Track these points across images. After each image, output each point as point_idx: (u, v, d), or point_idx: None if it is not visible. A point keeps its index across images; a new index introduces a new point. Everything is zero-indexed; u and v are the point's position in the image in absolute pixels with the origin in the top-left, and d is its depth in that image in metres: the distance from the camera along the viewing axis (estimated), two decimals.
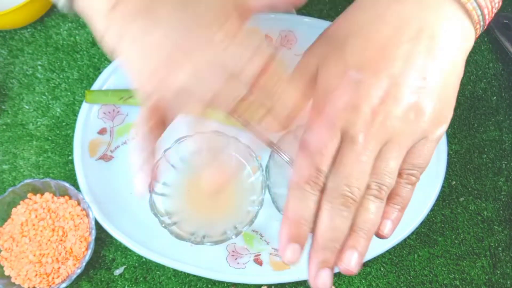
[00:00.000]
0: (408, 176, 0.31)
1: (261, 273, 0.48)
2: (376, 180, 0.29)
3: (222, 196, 0.50)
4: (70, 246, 0.49)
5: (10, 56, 0.60)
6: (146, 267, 0.50)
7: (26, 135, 0.56)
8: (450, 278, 0.50)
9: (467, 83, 0.58)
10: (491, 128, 0.55)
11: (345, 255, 0.28)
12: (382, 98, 0.28)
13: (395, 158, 0.29)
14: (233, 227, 0.47)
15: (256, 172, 0.49)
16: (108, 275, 0.50)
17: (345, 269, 0.29)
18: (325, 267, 0.28)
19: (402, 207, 0.31)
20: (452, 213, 0.52)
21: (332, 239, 0.28)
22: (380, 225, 0.30)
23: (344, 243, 0.29)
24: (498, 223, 0.51)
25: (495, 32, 0.59)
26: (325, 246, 0.28)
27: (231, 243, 0.50)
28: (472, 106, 0.56)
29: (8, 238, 0.49)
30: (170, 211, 0.49)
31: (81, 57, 0.59)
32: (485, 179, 0.53)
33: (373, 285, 0.49)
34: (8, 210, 0.50)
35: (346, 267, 0.28)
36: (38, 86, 0.58)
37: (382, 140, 0.28)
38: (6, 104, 0.58)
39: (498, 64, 0.59)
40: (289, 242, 0.29)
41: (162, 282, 0.50)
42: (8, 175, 0.54)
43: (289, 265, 0.29)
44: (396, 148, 0.29)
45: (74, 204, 0.51)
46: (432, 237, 0.51)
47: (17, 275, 0.48)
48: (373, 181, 0.29)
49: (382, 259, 0.50)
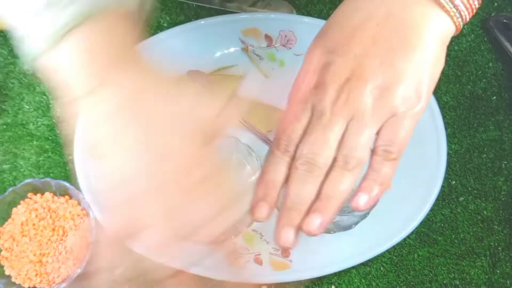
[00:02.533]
0: (383, 152, 0.31)
1: (261, 272, 0.48)
2: (342, 153, 0.31)
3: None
4: (71, 245, 0.49)
5: (11, 56, 0.60)
6: None
7: (27, 135, 0.56)
8: (449, 278, 0.50)
9: (466, 82, 0.58)
10: (491, 128, 0.55)
11: (308, 218, 0.31)
12: (348, 77, 0.30)
13: (361, 134, 0.31)
14: (233, 227, 0.47)
15: (256, 172, 0.49)
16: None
17: (306, 230, 0.31)
18: (289, 226, 0.31)
19: (381, 184, 0.32)
20: (452, 213, 0.52)
21: (297, 202, 0.31)
22: (355, 197, 0.32)
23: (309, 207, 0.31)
24: (498, 223, 0.52)
25: (495, 32, 0.59)
26: (291, 207, 0.31)
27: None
28: (472, 106, 0.56)
29: (9, 238, 0.49)
30: None
31: None
32: (485, 178, 0.53)
33: (373, 284, 0.49)
34: (8, 210, 0.50)
35: (307, 228, 0.31)
36: (39, 85, 0.58)
37: (347, 116, 0.31)
38: (7, 103, 0.58)
39: (498, 64, 0.59)
40: (259, 201, 0.32)
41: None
42: (8, 175, 0.54)
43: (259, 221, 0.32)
44: (361, 123, 0.31)
45: (75, 203, 0.51)
46: (432, 237, 0.51)
47: (17, 275, 0.48)
48: (339, 154, 0.31)
49: (382, 259, 0.50)
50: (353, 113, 0.30)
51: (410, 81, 0.30)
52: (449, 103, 0.57)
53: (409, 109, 0.31)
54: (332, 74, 0.31)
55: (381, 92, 0.30)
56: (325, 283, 0.49)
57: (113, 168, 0.30)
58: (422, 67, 0.31)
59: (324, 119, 0.31)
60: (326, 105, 0.31)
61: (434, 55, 0.31)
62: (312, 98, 0.31)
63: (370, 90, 0.30)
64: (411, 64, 0.30)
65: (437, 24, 0.31)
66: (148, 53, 0.57)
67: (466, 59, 0.59)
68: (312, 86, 0.31)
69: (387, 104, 0.30)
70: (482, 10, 0.61)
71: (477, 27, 0.60)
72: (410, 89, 0.30)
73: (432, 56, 0.31)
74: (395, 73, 0.30)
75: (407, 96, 0.30)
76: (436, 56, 0.31)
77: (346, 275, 0.50)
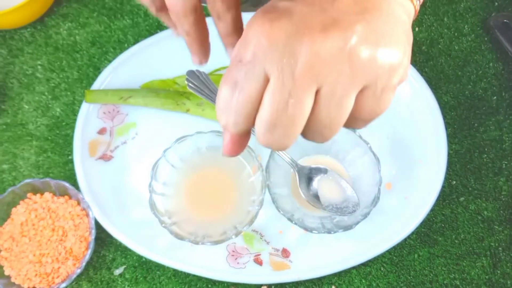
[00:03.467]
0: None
1: (261, 273, 0.48)
2: None
3: (222, 196, 0.50)
4: (70, 246, 0.49)
5: (10, 55, 0.60)
6: (146, 267, 0.50)
7: (26, 135, 0.56)
8: (450, 278, 0.50)
9: (467, 82, 0.58)
10: (491, 128, 0.55)
11: None
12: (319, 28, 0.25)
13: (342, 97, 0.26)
14: (233, 227, 0.47)
15: (256, 172, 0.49)
16: (108, 275, 0.50)
17: None
18: None
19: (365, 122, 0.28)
20: (452, 213, 0.52)
21: None
22: None
23: None
24: (499, 223, 0.51)
25: (495, 32, 0.59)
26: None
27: (231, 243, 0.50)
28: (472, 106, 0.56)
29: (8, 238, 0.49)
30: (170, 211, 0.49)
31: (81, 57, 0.59)
32: (485, 179, 0.53)
33: (373, 285, 0.49)
34: (8, 210, 0.50)
35: None
36: (38, 86, 0.58)
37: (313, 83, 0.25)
38: (6, 103, 0.58)
39: (498, 63, 0.59)
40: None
41: (162, 282, 0.50)
42: (8, 175, 0.54)
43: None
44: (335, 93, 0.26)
45: (74, 204, 0.51)
46: (432, 237, 0.51)
47: (17, 275, 0.48)
48: None
49: (382, 259, 0.50)
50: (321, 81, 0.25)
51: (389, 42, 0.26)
52: (449, 103, 0.56)
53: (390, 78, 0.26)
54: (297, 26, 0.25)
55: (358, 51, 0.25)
56: (325, 283, 0.49)
57: None
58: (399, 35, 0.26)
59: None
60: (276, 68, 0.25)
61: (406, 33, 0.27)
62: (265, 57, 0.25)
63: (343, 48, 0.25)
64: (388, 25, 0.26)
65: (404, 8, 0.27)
66: (148, 53, 0.57)
67: (467, 59, 0.59)
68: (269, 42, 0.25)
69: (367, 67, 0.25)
70: (483, 10, 0.61)
71: (478, 27, 0.60)
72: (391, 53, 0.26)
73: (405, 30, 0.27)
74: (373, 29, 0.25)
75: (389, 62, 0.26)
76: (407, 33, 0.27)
77: (346, 275, 0.50)
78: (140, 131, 0.55)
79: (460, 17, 0.61)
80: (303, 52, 0.24)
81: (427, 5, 0.62)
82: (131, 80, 0.56)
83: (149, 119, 0.55)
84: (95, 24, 0.61)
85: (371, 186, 0.48)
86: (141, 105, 0.54)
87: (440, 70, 0.58)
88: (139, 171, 0.52)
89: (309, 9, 0.26)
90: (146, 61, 0.57)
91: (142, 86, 0.56)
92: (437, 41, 0.60)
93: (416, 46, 0.59)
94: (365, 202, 0.48)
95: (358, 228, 0.47)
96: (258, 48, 0.25)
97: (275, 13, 0.26)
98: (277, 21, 0.25)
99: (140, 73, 0.56)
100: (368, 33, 0.25)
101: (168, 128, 0.54)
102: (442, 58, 0.59)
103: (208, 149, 0.51)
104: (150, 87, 0.56)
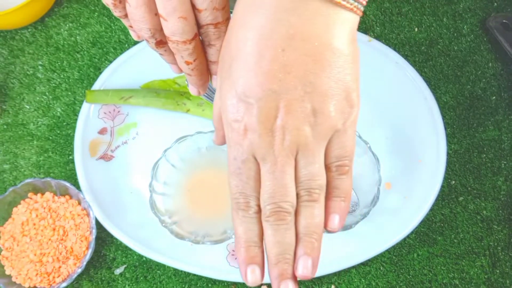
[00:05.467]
0: (337, 168, 0.31)
1: None
2: (303, 187, 0.30)
3: (222, 195, 0.50)
4: (71, 245, 0.49)
5: (11, 56, 0.60)
6: (147, 266, 0.51)
7: (27, 135, 0.56)
8: (449, 277, 0.50)
9: (466, 83, 0.58)
10: (490, 128, 0.55)
11: (298, 264, 0.30)
12: (275, 115, 0.29)
13: (312, 162, 0.30)
14: (233, 227, 0.47)
15: None
16: (108, 274, 0.50)
17: (302, 276, 0.30)
18: (285, 279, 0.30)
19: (345, 197, 0.31)
20: (451, 213, 0.52)
21: (280, 253, 0.30)
22: (327, 221, 0.31)
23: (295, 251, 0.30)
24: (498, 223, 0.52)
25: (494, 32, 0.59)
26: (277, 260, 0.30)
27: (231, 242, 0.50)
28: (471, 106, 0.57)
29: (9, 238, 0.49)
30: (170, 211, 0.49)
31: (82, 57, 0.60)
32: (484, 178, 0.53)
33: (373, 284, 0.49)
34: (9, 210, 0.51)
35: (302, 274, 0.30)
36: (39, 86, 0.58)
37: (291, 152, 0.29)
38: (7, 104, 0.58)
39: (497, 64, 0.59)
40: (247, 264, 0.31)
41: (163, 281, 0.50)
42: (9, 175, 0.55)
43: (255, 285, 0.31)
44: (308, 154, 0.29)
45: (75, 203, 0.51)
46: (431, 237, 0.51)
47: (17, 275, 0.48)
48: (300, 189, 0.30)
49: (381, 258, 0.50)
50: (296, 148, 0.29)
51: (338, 96, 0.29)
52: (448, 103, 0.57)
53: (347, 119, 0.30)
54: (257, 119, 0.29)
55: (315, 118, 0.29)
56: (325, 282, 0.49)
57: None
58: (344, 76, 0.29)
59: (269, 164, 0.29)
60: (264, 150, 0.29)
61: (350, 57, 0.30)
62: (248, 148, 0.29)
63: (303, 120, 0.29)
64: (332, 79, 0.29)
65: (342, 25, 0.29)
66: (148, 53, 0.57)
67: (466, 59, 0.59)
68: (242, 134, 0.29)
69: (326, 126, 0.29)
70: (482, 10, 0.62)
71: (477, 27, 0.61)
72: (341, 103, 0.29)
73: (349, 59, 0.30)
74: (321, 94, 0.29)
75: (341, 110, 0.29)
76: (352, 57, 0.30)
77: (346, 275, 0.50)
78: (141, 131, 0.55)
79: (459, 18, 0.61)
80: None
81: (426, 6, 0.62)
82: (131, 80, 0.56)
83: (149, 119, 0.55)
84: (95, 25, 0.61)
85: (370, 186, 0.48)
86: (142, 105, 0.55)
87: (439, 70, 0.58)
88: (140, 171, 0.53)
89: None
90: (146, 62, 0.57)
91: (142, 86, 0.56)
92: (436, 41, 0.60)
93: (415, 46, 0.59)
94: (365, 202, 0.48)
95: (358, 228, 0.48)
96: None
97: None
98: None
99: (140, 73, 0.57)
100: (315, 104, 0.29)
101: (169, 128, 0.54)
102: (441, 58, 0.59)
103: (208, 149, 0.51)
104: (150, 87, 0.56)
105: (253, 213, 0.31)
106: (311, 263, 0.30)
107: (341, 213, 0.31)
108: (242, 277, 0.31)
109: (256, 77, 0.29)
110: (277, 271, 0.30)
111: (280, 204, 0.29)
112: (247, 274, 0.30)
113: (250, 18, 0.29)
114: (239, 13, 0.30)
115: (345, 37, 0.29)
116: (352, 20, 0.30)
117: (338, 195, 0.31)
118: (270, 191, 0.30)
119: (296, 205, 0.30)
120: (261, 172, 0.30)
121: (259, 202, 0.30)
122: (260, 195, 0.30)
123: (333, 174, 0.31)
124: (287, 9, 0.28)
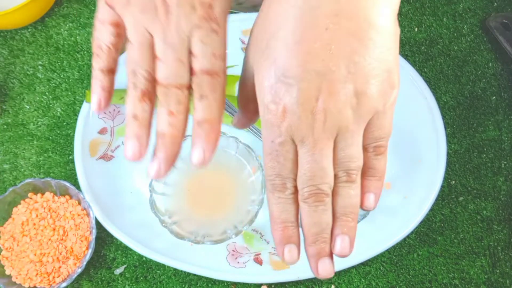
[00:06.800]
0: (375, 149, 0.31)
1: (261, 272, 0.48)
2: (341, 169, 0.30)
3: (222, 195, 0.50)
4: (71, 245, 0.49)
5: (11, 56, 0.60)
6: (147, 266, 0.51)
7: (27, 135, 0.56)
8: (449, 277, 0.50)
9: (466, 82, 0.58)
10: (490, 128, 0.55)
11: (335, 243, 0.30)
12: (316, 97, 0.28)
13: (351, 144, 0.30)
14: (233, 227, 0.47)
15: (256, 172, 0.49)
16: (108, 274, 0.50)
17: (340, 254, 0.30)
18: (323, 257, 0.30)
19: (380, 177, 0.32)
20: (451, 213, 0.52)
21: (318, 232, 0.30)
22: (363, 200, 0.32)
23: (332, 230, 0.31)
24: (498, 223, 0.52)
25: (494, 32, 0.59)
26: (315, 240, 0.30)
27: (231, 242, 0.50)
28: (471, 106, 0.57)
29: (9, 238, 0.49)
30: (170, 210, 0.49)
31: (82, 57, 0.60)
32: (484, 178, 0.53)
33: (373, 284, 0.49)
34: (9, 210, 0.51)
35: (339, 253, 0.30)
36: (39, 86, 0.58)
37: (332, 135, 0.29)
38: (7, 104, 0.58)
39: (497, 64, 0.59)
40: (284, 244, 0.31)
41: (163, 281, 0.50)
42: (9, 175, 0.55)
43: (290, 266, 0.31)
44: (348, 136, 0.29)
45: (75, 203, 0.51)
46: (431, 237, 0.51)
47: (17, 275, 0.48)
48: (338, 170, 0.30)
49: (381, 258, 0.50)
50: (337, 131, 0.29)
51: (380, 77, 0.29)
52: (448, 103, 0.57)
53: (388, 101, 0.30)
54: (297, 101, 0.28)
55: (357, 100, 0.28)
56: (325, 282, 0.49)
57: None
58: (387, 55, 0.29)
59: (309, 147, 0.29)
60: (304, 132, 0.29)
61: (394, 36, 0.29)
62: (286, 130, 0.29)
63: (345, 102, 0.28)
64: (376, 59, 0.28)
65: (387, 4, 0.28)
66: None
67: (466, 59, 0.59)
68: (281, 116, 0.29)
69: (367, 108, 0.29)
70: (482, 10, 0.62)
71: (477, 27, 0.61)
72: (383, 84, 0.29)
73: (392, 38, 0.29)
74: (365, 75, 0.28)
75: (383, 92, 0.29)
76: (395, 36, 0.29)
77: (346, 274, 0.50)
78: None
79: (459, 18, 0.61)
80: None
81: (426, 6, 0.62)
82: None
83: None
84: None
85: None
86: None
87: (439, 70, 0.58)
88: (140, 171, 0.53)
89: None
90: None
91: None
92: (436, 41, 0.60)
93: (415, 46, 0.59)
94: None
95: (358, 228, 0.47)
96: None
97: None
98: None
99: None
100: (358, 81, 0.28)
101: None
102: (441, 58, 0.59)
103: None
104: None
105: (290, 193, 0.31)
106: (349, 241, 0.30)
107: (377, 191, 0.32)
108: (280, 256, 0.31)
109: (297, 56, 0.28)
110: (315, 249, 0.30)
111: (319, 186, 0.29)
112: (284, 253, 0.31)
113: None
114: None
115: (390, 15, 0.29)
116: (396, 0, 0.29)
117: (374, 175, 0.31)
118: (309, 174, 0.29)
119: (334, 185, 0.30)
120: (298, 154, 0.30)
121: (295, 183, 0.30)
122: (298, 177, 0.30)
123: (370, 154, 0.31)
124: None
